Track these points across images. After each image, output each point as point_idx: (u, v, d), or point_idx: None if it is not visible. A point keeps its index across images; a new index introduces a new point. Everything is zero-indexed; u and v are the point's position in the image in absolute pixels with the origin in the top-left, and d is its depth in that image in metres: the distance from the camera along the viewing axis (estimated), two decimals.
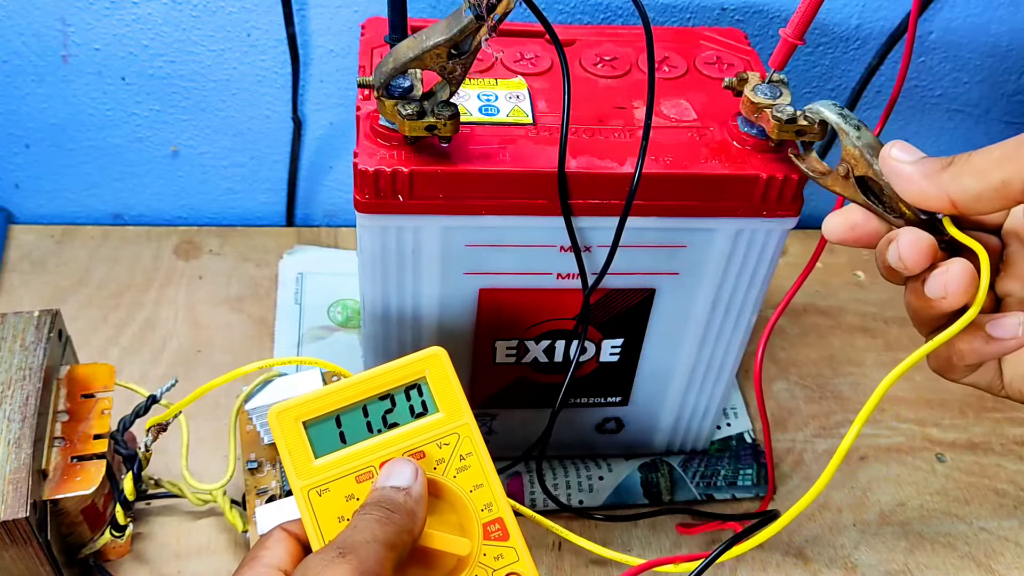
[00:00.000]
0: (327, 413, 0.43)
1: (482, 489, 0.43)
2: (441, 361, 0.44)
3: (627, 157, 0.51)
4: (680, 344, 0.60)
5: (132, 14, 0.71)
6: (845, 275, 0.85)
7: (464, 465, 0.43)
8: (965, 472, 0.70)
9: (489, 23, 0.44)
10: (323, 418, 0.43)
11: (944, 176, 0.39)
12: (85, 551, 0.56)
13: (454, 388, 0.44)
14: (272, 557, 0.40)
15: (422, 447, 0.43)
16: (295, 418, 0.43)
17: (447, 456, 0.43)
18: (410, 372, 0.44)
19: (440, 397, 0.44)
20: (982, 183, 0.38)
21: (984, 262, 0.41)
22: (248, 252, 0.81)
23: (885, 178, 0.43)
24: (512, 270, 0.55)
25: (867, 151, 0.44)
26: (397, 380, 0.44)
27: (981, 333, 0.41)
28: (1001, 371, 0.43)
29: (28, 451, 0.50)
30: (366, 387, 0.43)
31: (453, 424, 0.43)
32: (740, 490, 0.67)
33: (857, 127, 0.45)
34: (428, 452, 0.43)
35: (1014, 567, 0.65)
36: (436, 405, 0.44)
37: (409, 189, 0.50)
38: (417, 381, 0.44)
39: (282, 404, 0.43)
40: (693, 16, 0.75)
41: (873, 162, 0.44)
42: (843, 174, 0.45)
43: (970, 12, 0.77)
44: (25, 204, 0.83)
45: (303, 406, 0.43)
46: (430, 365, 0.44)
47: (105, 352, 0.72)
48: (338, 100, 0.78)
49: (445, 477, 0.43)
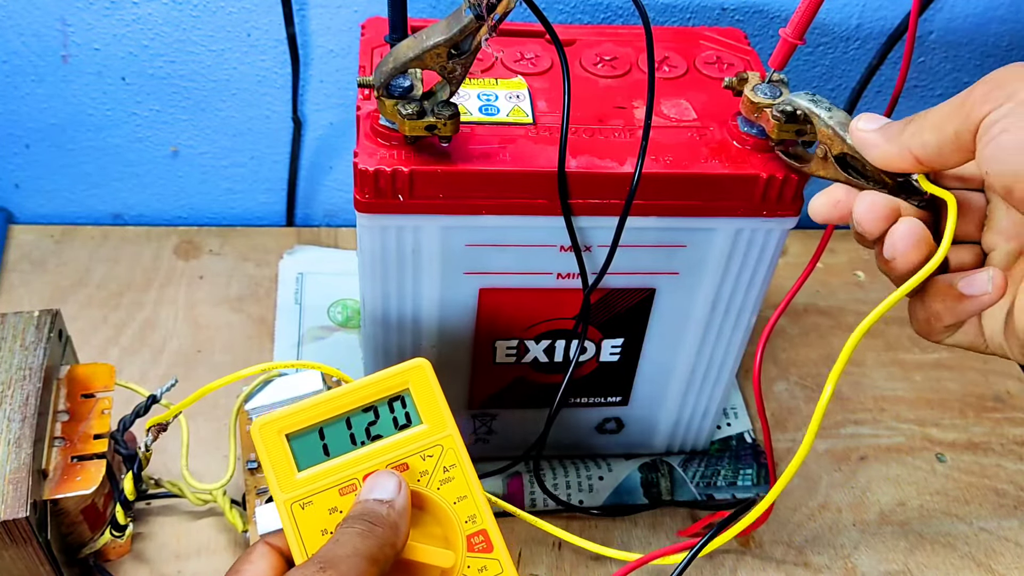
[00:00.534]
0: (310, 425, 0.43)
1: (466, 501, 0.43)
2: (425, 373, 0.44)
3: (627, 157, 0.51)
4: (680, 344, 0.60)
5: (132, 14, 0.71)
6: (845, 275, 0.85)
7: (448, 477, 0.43)
8: (965, 472, 0.70)
9: (489, 23, 0.44)
10: (306, 431, 0.43)
11: (904, 136, 0.41)
12: (85, 551, 0.56)
13: (437, 400, 0.44)
14: (255, 571, 0.40)
15: (406, 459, 0.43)
16: (278, 431, 0.42)
17: (431, 468, 0.43)
18: (393, 384, 0.44)
19: (424, 409, 0.44)
20: (939, 137, 0.39)
21: (952, 209, 0.41)
22: (248, 252, 0.81)
23: (857, 150, 0.44)
24: (512, 270, 0.55)
25: (839, 128, 0.46)
26: (380, 392, 0.44)
27: (953, 291, 0.41)
28: (982, 328, 0.44)
29: (28, 451, 0.50)
30: (349, 399, 0.43)
31: (437, 436, 0.43)
32: (740, 490, 0.67)
33: (828, 108, 0.47)
34: (412, 464, 0.43)
35: (1014, 567, 0.65)
36: (420, 417, 0.44)
37: (409, 189, 0.50)
38: (400, 393, 0.44)
39: (265, 417, 0.42)
40: (693, 16, 0.75)
41: (846, 136, 0.45)
42: (822, 156, 0.47)
43: (970, 12, 0.77)
44: (25, 204, 0.83)
45: (286, 418, 0.42)
46: (413, 377, 0.44)
47: (105, 352, 0.72)
48: (338, 100, 0.78)
49: (429, 489, 0.43)
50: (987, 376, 0.78)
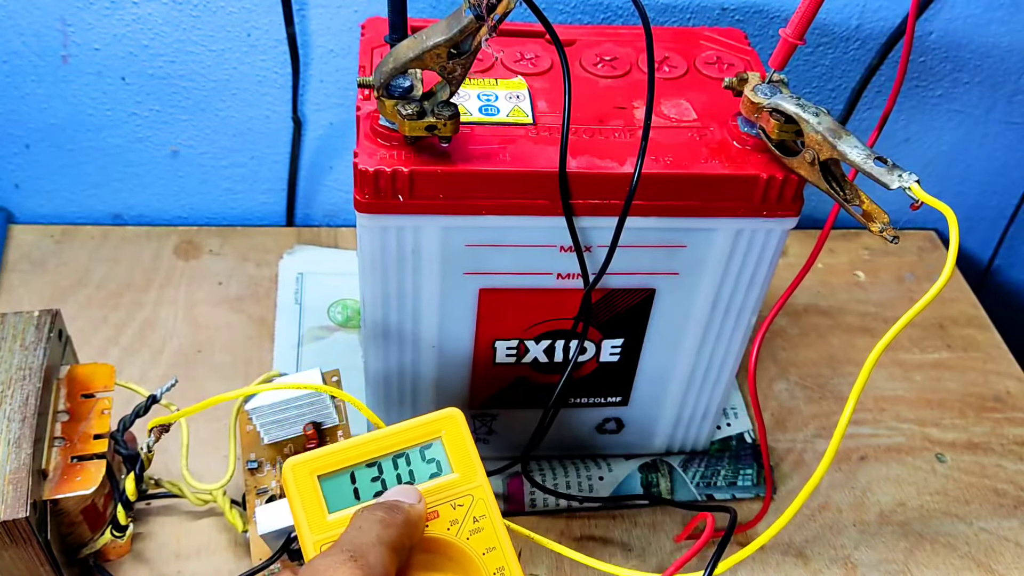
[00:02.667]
0: (342, 468, 0.43)
1: (495, 552, 0.43)
2: (457, 422, 0.44)
3: (627, 157, 0.51)
4: (680, 344, 0.60)
5: (132, 14, 0.71)
6: (845, 275, 0.85)
7: (477, 527, 0.43)
8: (965, 472, 0.70)
9: (489, 23, 0.44)
10: (338, 473, 0.43)
11: None
12: (85, 551, 0.56)
13: (469, 449, 0.44)
14: None
15: (436, 507, 0.43)
16: (310, 472, 0.43)
17: (460, 517, 0.43)
18: (426, 432, 0.44)
19: (455, 458, 0.44)
20: None
21: (952, 224, 0.41)
22: (248, 252, 0.81)
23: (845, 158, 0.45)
24: (512, 270, 0.55)
25: (828, 134, 0.45)
26: (413, 439, 0.44)
27: None
28: None
29: (28, 451, 0.50)
30: (382, 444, 0.44)
31: (468, 485, 0.44)
32: (740, 490, 0.67)
33: (816, 114, 0.47)
34: (442, 512, 0.43)
35: (1014, 567, 0.65)
36: (451, 465, 0.44)
37: (409, 189, 0.50)
38: (432, 441, 0.44)
39: (297, 458, 0.43)
40: (693, 16, 0.75)
41: (836, 144, 0.45)
42: (809, 160, 0.48)
43: (970, 12, 0.77)
44: (25, 204, 0.83)
45: (318, 460, 0.43)
46: (446, 426, 0.44)
47: (105, 352, 0.72)
48: (338, 100, 0.78)
49: (458, 539, 0.43)
50: (987, 376, 0.78)
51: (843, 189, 0.47)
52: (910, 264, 0.86)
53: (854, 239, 0.88)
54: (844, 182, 0.48)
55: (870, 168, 0.45)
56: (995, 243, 0.95)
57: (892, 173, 0.44)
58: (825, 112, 0.47)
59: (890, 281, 0.84)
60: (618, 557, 0.63)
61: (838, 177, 0.47)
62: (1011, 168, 0.89)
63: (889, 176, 0.44)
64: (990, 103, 0.83)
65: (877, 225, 0.47)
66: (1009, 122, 0.85)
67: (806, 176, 0.49)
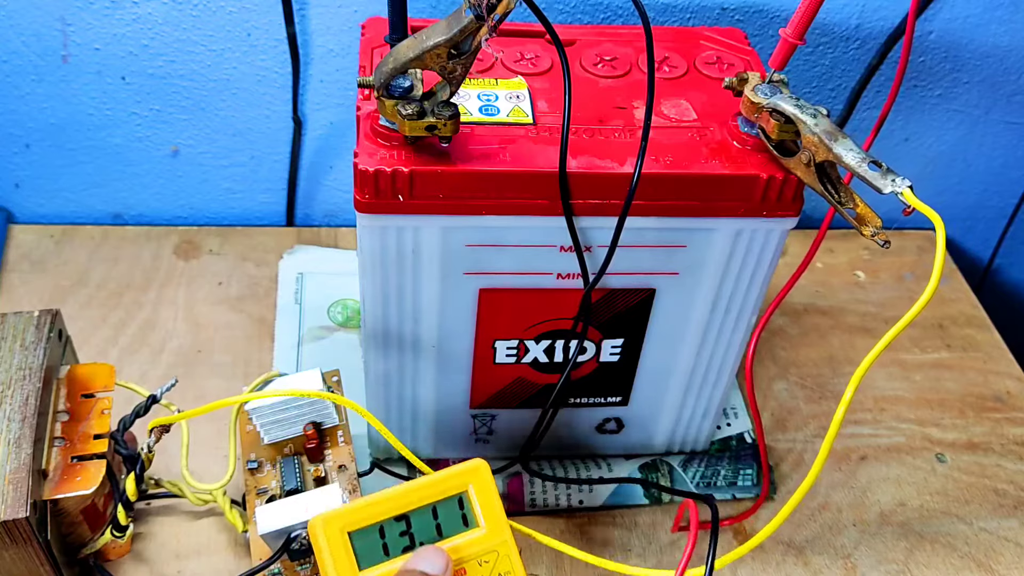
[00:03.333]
0: (371, 524, 0.43)
1: None
2: (484, 475, 0.44)
3: (627, 157, 0.51)
4: (680, 344, 0.60)
5: (132, 14, 0.71)
6: (845, 275, 0.85)
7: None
8: (965, 472, 0.70)
9: (489, 23, 0.44)
10: (367, 529, 0.43)
11: None
12: (85, 551, 0.56)
13: (495, 502, 0.44)
14: None
15: (463, 564, 0.43)
16: (340, 528, 0.42)
17: (486, 575, 0.43)
18: (454, 485, 0.44)
19: (483, 510, 0.44)
20: None
21: (940, 231, 0.42)
22: (248, 252, 0.81)
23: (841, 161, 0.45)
24: (512, 270, 0.55)
25: (825, 136, 0.46)
26: (441, 492, 0.44)
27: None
28: None
29: (28, 451, 0.50)
30: (410, 498, 0.44)
31: (494, 541, 0.44)
32: (740, 490, 0.67)
33: (813, 115, 0.47)
34: (469, 570, 0.43)
35: (1014, 567, 0.65)
36: (478, 519, 0.44)
37: (409, 189, 0.50)
38: (460, 494, 0.44)
39: (326, 514, 0.43)
40: (693, 16, 0.75)
41: (832, 146, 0.45)
42: (805, 162, 0.48)
43: (970, 12, 0.77)
44: (25, 204, 0.83)
45: (349, 515, 0.43)
46: (474, 479, 0.44)
47: (105, 352, 0.72)
48: (338, 100, 0.78)
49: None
50: (987, 376, 0.78)
51: (838, 192, 0.47)
52: (910, 264, 0.86)
53: (854, 239, 0.88)
54: (839, 185, 0.48)
55: (864, 172, 0.45)
56: (995, 243, 0.95)
57: (886, 178, 0.44)
58: (824, 113, 0.47)
59: (890, 281, 0.84)
60: (618, 556, 0.63)
61: (833, 179, 0.47)
62: (1011, 168, 0.89)
63: (882, 181, 0.44)
64: (989, 103, 0.83)
65: (869, 229, 0.47)
66: (1009, 122, 0.85)
67: (801, 176, 0.49)
